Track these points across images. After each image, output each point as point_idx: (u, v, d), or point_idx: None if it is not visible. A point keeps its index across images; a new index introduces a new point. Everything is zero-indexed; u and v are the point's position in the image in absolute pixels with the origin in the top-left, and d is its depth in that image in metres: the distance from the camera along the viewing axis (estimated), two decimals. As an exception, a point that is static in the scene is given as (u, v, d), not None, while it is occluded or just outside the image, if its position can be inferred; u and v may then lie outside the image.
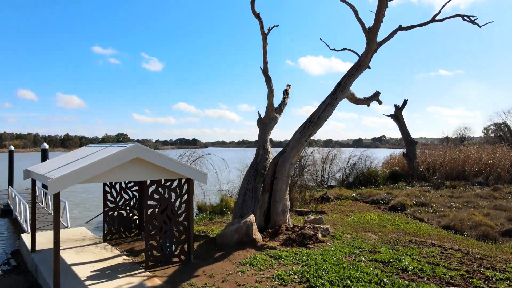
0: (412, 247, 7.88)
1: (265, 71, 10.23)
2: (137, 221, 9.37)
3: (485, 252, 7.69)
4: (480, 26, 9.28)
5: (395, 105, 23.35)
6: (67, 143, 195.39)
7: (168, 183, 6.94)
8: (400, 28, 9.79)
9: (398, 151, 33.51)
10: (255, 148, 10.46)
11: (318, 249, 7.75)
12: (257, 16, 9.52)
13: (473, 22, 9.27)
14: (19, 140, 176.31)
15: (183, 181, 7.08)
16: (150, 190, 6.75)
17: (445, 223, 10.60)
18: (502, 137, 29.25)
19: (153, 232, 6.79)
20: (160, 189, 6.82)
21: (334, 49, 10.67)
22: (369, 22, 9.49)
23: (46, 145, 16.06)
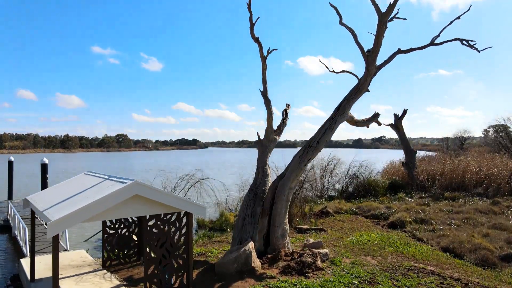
0: (411, 276, 7.89)
1: (264, 94, 10.22)
2: (136, 247, 9.36)
3: (484, 282, 7.70)
4: (479, 51, 9.28)
5: (395, 115, 23.37)
6: (67, 144, 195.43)
7: (167, 217, 6.94)
8: (399, 51, 9.78)
9: (397, 155, 33.57)
10: (255, 149, 10.41)
11: (318, 278, 7.76)
12: (256, 40, 9.52)
13: (471, 46, 9.26)
14: (19, 141, 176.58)
15: (182, 213, 7.09)
16: (149, 224, 6.75)
17: (444, 244, 10.60)
18: (502, 145, 29.21)
19: (152, 266, 6.80)
20: (159, 223, 6.83)
21: (333, 71, 10.67)
22: (368, 24, 9.48)
23: (46, 160, 16.02)
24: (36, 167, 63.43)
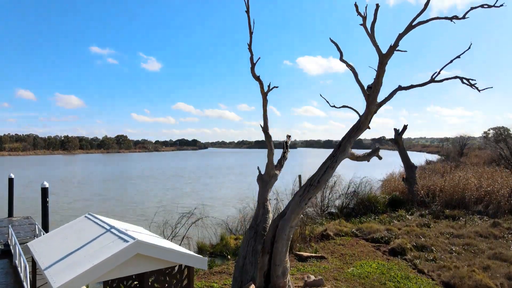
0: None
1: (265, 129, 10.22)
2: None
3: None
4: (479, 91, 9.28)
5: (395, 130, 23.38)
6: (66, 145, 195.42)
7: (168, 271, 6.95)
8: (400, 88, 9.77)
9: (396, 160, 33.47)
10: (255, 150, 10.46)
11: (319, 325, 7.77)
12: (257, 78, 9.51)
13: (472, 85, 9.25)
14: (19, 143, 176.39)
15: (183, 266, 7.10)
16: (151, 279, 6.76)
17: (445, 278, 10.61)
18: (502, 156, 29.21)
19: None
20: (161, 277, 6.84)
21: (334, 106, 10.67)
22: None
23: (46, 184, 16.01)
24: (36, 170, 63.56)
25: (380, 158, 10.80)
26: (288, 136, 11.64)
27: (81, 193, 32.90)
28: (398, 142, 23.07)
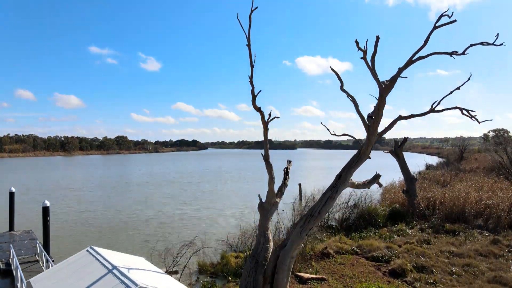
0: None
1: (266, 158, 10.26)
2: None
3: None
4: (479, 122, 9.31)
5: (395, 141, 23.43)
6: (66, 146, 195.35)
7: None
8: (400, 117, 9.81)
9: (396, 167, 33.45)
10: (255, 150, 10.53)
11: None
12: (258, 110, 9.56)
13: (472, 117, 9.29)
14: (19, 144, 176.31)
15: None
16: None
17: (445, 305, 10.65)
18: (502, 165, 29.26)
19: None
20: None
21: (334, 134, 10.71)
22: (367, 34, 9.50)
23: (47, 203, 16.04)
24: (35, 175, 63.55)
25: (380, 185, 10.84)
26: (289, 162, 11.68)
27: (78, 206, 32.87)
28: (398, 155, 23.11)
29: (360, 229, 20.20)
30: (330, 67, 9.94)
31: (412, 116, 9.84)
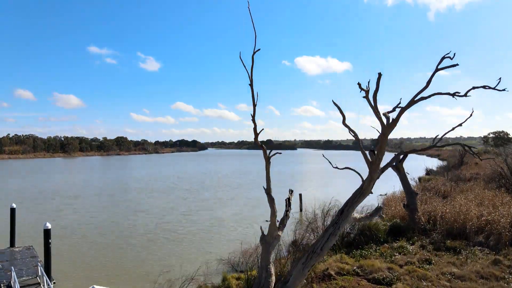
0: None
1: (268, 192, 10.28)
2: None
3: None
4: (481, 159, 9.31)
5: (396, 155, 23.38)
6: (66, 147, 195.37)
7: None
8: (398, 157, 9.80)
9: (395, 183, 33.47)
10: (255, 151, 10.56)
11: None
12: (261, 146, 9.58)
13: (474, 154, 9.31)
14: (19, 145, 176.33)
15: None
16: None
17: (447, 337, 10.67)
18: (502, 175, 29.28)
19: None
20: None
21: (336, 167, 10.72)
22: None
23: (48, 225, 16.03)
24: (35, 180, 63.44)
25: (382, 218, 10.85)
26: (291, 191, 11.69)
27: (75, 219, 32.82)
28: (399, 169, 23.09)
29: (361, 245, 20.21)
30: (332, 101, 9.95)
31: (414, 151, 9.82)
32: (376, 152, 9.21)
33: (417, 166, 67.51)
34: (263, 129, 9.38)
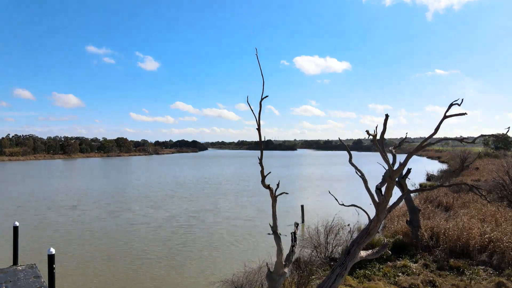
0: None
1: (274, 230, 10.27)
2: None
3: None
4: (486, 199, 9.30)
5: (401, 173, 23.41)
6: (66, 149, 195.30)
7: None
8: (404, 194, 9.80)
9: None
10: (255, 151, 10.49)
11: None
12: (267, 187, 9.56)
13: (481, 195, 9.30)
14: (19, 147, 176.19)
15: None
16: None
17: None
18: (504, 187, 29.26)
19: None
20: None
21: (342, 204, 10.71)
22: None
23: (52, 251, 16.02)
24: (34, 181, 63.44)
25: (389, 254, 10.85)
26: (296, 225, 11.67)
27: (72, 232, 32.62)
28: (402, 185, 23.09)
29: (364, 263, 20.21)
30: (340, 139, 9.91)
31: (419, 190, 9.80)
32: (383, 195, 9.23)
33: (417, 170, 67.08)
34: (270, 171, 9.35)
